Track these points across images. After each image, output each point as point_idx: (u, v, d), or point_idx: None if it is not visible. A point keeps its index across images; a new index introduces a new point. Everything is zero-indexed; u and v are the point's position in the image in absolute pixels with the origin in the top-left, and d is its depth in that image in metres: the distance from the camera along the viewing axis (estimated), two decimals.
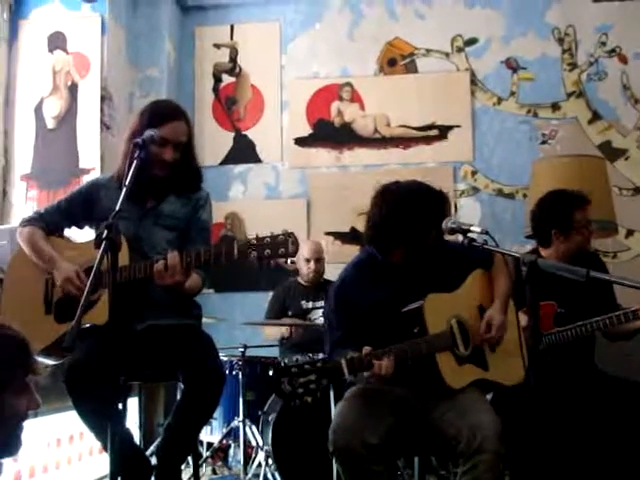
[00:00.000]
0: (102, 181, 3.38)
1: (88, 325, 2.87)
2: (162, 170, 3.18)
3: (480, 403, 2.95)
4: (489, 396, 3.40)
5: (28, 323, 2.98)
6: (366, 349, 2.83)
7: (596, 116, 6.17)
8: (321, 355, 4.19)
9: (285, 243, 2.76)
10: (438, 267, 3.18)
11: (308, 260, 5.36)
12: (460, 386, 2.98)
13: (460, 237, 2.80)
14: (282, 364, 4.52)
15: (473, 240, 2.70)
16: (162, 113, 3.20)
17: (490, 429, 2.78)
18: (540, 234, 3.85)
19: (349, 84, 6.48)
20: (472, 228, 2.70)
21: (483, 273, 3.29)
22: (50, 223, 3.30)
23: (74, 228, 3.40)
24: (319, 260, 5.37)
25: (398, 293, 3.08)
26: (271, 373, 4.62)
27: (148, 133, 2.95)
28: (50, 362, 3.15)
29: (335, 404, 3.25)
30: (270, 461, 4.48)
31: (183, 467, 3.21)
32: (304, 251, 5.35)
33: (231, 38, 6.66)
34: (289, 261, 4.62)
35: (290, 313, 5.30)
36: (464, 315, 3.13)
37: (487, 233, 2.65)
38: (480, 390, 3.07)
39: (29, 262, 3.23)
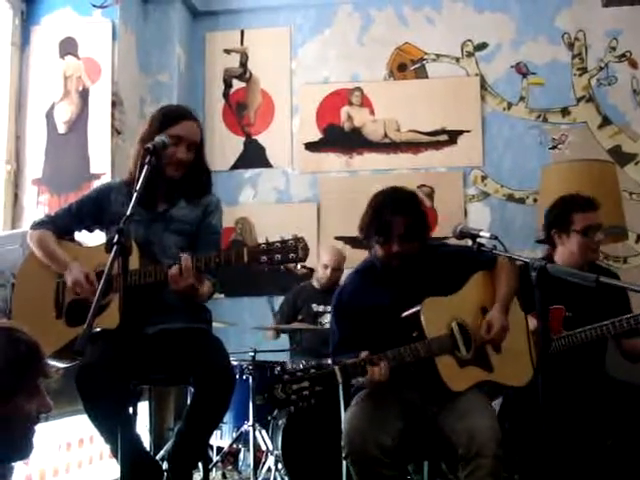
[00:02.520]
0: (113, 185, 3.40)
1: (99, 329, 2.89)
2: (177, 170, 3.20)
3: (480, 406, 2.95)
4: (499, 401, 3.40)
5: (39, 327, 2.99)
6: (362, 354, 2.86)
7: (606, 121, 6.16)
8: (330, 360, 4.20)
9: (295, 248, 2.77)
10: (439, 271, 3.19)
11: (326, 266, 5.40)
12: (462, 388, 2.99)
13: (469, 242, 2.80)
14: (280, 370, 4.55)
15: (482, 245, 2.71)
16: (174, 113, 3.24)
17: (488, 433, 2.79)
18: (546, 236, 3.84)
19: (359, 89, 6.48)
20: (481, 233, 2.70)
21: (485, 274, 3.28)
22: (61, 226, 3.32)
23: (84, 231, 3.42)
24: (337, 270, 5.40)
25: (397, 298, 3.09)
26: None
27: (159, 138, 2.96)
28: (61, 365, 3.16)
29: (345, 409, 3.25)
30: (280, 465, 4.50)
31: (193, 471, 3.22)
32: (325, 257, 5.42)
33: (241, 43, 6.68)
34: (299, 266, 4.66)
35: (300, 317, 5.32)
36: (465, 317, 3.13)
37: (496, 238, 2.65)
38: (484, 393, 3.07)
39: (40, 266, 3.24)
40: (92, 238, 3.50)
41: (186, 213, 3.28)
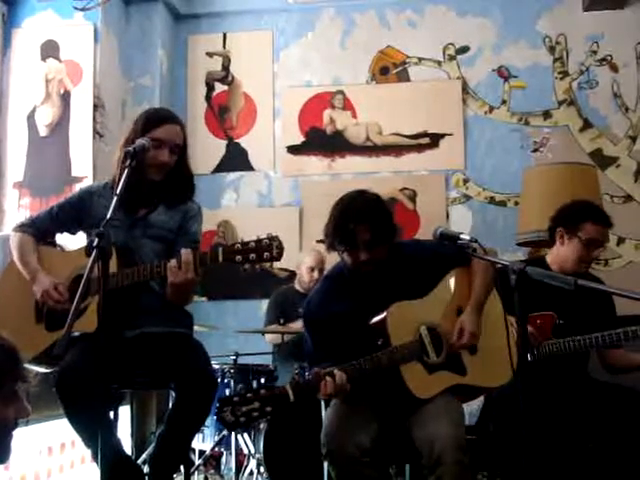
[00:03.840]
0: (95, 188, 3.38)
1: (77, 334, 2.88)
2: (158, 173, 3.18)
3: (444, 413, 2.90)
4: (476, 403, 3.40)
5: (19, 331, 2.98)
6: (315, 371, 2.85)
7: (587, 124, 6.20)
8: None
9: (270, 247, 2.78)
10: (410, 272, 3.12)
11: (312, 269, 5.39)
12: (429, 395, 2.95)
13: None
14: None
15: (464, 247, 2.70)
16: (156, 116, 3.22)
17: (448, 440, 2.76)
18: (550, 229, 3.82)
19: (341, 92, 6.49)
20: (462, 236, 2.69)
21: (461, 272, 3.20)
22: (42, 229, 3.32)
23: (66, 234, 3.41)
24: (322, 270, 5.39)
25: (367, 304, 3.05)
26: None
27: (140, 141, 2.95)
28: (41, 370, 3.15)
29: (325, 411, 3.25)
30: (262, 469, 4.49)
31: (175, 475, 3.21)
32: (308, 260, 5.40)
33: (224, 46, 6.67)
34: (276, 265, 4.69)
35: (282, 321, 5.30)
36: (437, 320, 3.07)
37: (476, 241, 2.65)
38: (453, 397, 3.02)
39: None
40: (74, 240, 3.48)
41: (165, 219, 3.26)
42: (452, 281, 3.21)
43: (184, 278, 2.86)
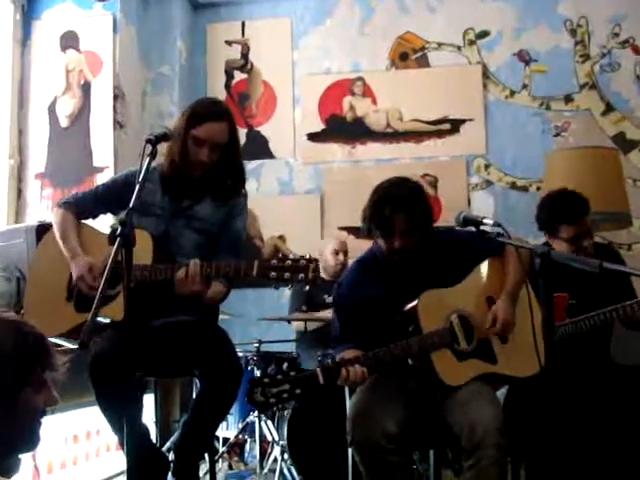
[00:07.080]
0: None
1: (107, 321, 2.89)
2: (198, 170, 3.18)
3: (482, 396, 2.91)
4: (504, 389, 3.39)
5: (48, 307, 3.06)
6: (346, 353, 2.89)
7: (609, 108, 6.14)
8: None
9: (306, 269, 2.69)
10: (442, 260, 3.14)
11: (337, 252, 5.39)
12: (458, 383, 2.96)
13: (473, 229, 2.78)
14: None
15: (485, 232, 2.69)
16: (201, 113, 3.17)
17: (490, 423, 2.76)
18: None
19: (361, 79, 6.48)
20: (484, 220, 2.69)
21: (493, 262, 3.20)
22: (84, 209, 3.33)
23: (109, 214, 3.42)
24: (346, 253, 5.40)
25: (398, 290, 3.06)
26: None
27: (162, 130, 2.95)
28: (66, 344, 3.14)
29: (350, 398, 3.25)
30: (286, 456, 4.50)
31: (199, 463, 3.22)
32: (332, 244, 5.42)
33: (242, 35, 6.67)
34: (306, 288, 4.71)
35: (305, 308, 5.30)
36: (468, 309, 3.08)
37: (499, 225, 2.64)
38: (485, 382, 3.01)
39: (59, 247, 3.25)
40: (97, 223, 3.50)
41: (210, 212, 3.25)
42: (484, 270, 3.21)
43: (189, 290, 2.87)
